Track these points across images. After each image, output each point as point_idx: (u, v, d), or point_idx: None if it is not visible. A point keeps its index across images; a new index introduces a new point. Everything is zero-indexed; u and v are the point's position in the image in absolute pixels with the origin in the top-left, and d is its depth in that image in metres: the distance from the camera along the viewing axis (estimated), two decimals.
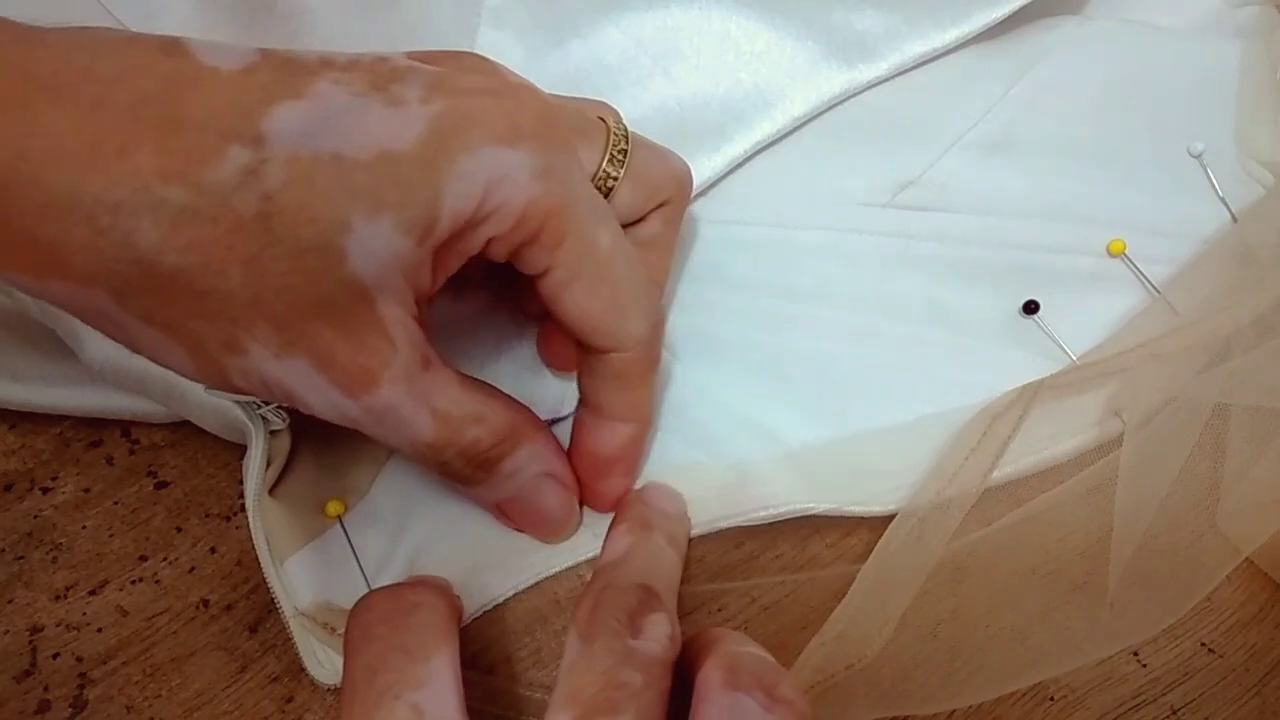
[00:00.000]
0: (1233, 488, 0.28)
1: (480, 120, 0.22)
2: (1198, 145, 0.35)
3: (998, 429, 0.28)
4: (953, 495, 0.28)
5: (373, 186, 0.21)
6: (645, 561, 0.26)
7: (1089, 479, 0.29)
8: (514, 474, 0.27)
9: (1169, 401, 0.29)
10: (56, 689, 0.28)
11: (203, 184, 0.20)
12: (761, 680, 0.21)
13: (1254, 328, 0.29)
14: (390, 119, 0.21)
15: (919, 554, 0.27)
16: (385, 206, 0.21)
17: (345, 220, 0.21)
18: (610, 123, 0.27)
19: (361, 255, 0.21)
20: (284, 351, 0.22)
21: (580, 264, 0.24)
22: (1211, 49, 0.38)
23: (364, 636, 0.23)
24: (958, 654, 0.27)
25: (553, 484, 0.28)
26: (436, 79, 0.22)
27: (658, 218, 0.28)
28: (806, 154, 0.36)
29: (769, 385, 0.32)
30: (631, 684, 0.21)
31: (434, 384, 0.24)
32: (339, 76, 0.21)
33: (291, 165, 0.20)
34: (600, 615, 0.22)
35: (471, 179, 0.22)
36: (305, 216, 0.20)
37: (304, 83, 0.21)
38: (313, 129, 0.21)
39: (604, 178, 0.26)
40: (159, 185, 0.19)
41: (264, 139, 0.20)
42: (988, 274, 0.33)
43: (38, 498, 0.30)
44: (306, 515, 0.30)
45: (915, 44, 0.36)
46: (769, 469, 0.30)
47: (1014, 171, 0.35)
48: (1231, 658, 0.28)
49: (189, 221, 0.20)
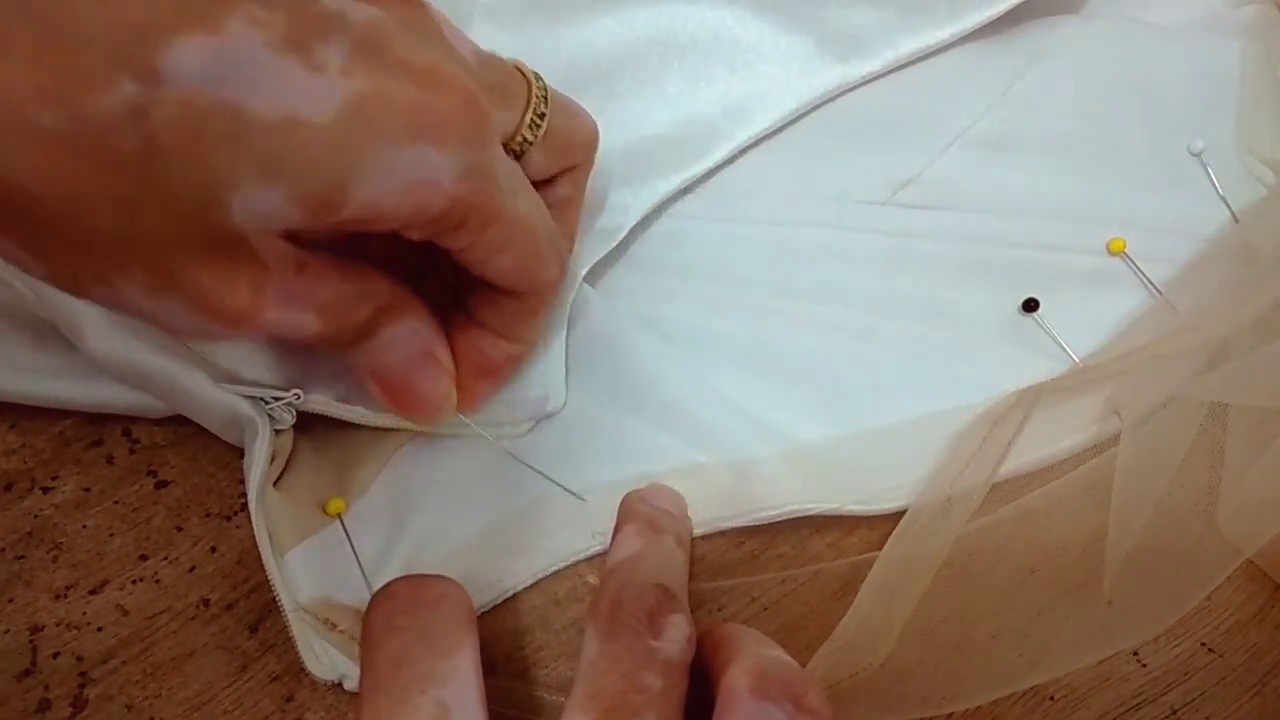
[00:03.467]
0: (1232, 488, 0.28)
1: (404, 112, 0.20)
2: (1198, 143, 0.35)
3: (998, 434, 0.28)
4: (955, 501, 0.28)
5: (271, 150, 0.19)
6: (659, 562, 0.25)
7: (1089, 478, 0.29)
8: (391, 345, 0.26)
9: (1168, 401, 0.29)
10: (57, 688, 0.28)
11: (83, 114, 0.18)
12: (790, 689, 0.21)
13: (1254, 328, 0.29)
14: (305, 83, 0.19)
15: (922, 560, 0.27)
16: (281, 175, 0.19)
17: (233, 178, 0.19)
18: (531, 81, 0.26)
19: (245, 213, 0.20)
20: (156, 292, 0.20)
21: (503, 239, 0.24)
22: (1211, 48, 0.38)
23: (387, 627, 0.23)
24: (958, 654, 0.27)
25: (431, 365, 0.27)
26: (364, 42, 0.20)
27: (568, 180, 0.28)
28: (806, 152, 0.36)
29: (769, 383, 0.32)
30: (652, 688, 0.21)
31: (312, 283, 0.23)
32: (258, 14, 0.19)
33: (184, 108, 0.18)
34: (621, 614, 0.22)
35: (388, 175, 0.21)
36: (190, 165, 0.19)
37: (218, 13, 0.18)
38: (216, 71, 0.18)
39: (520, 142, 0.26)
40: (33, 106, 0.17)
41: (159, 75, 0.18)
42: (988, 272, 0.33)
43: (38, 497, 0.30)
44: (307, 511, 0.30)
45: (909, 40, 0.36)
46: (770, 469, 0.30)
47: (1014, 170, 0.35)
48: (1231, 658, 0.28)
49: (62, 151, 0.18)
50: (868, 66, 0.36)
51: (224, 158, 0.19)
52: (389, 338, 0.25)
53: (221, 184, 0.19)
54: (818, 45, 0.36)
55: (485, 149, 0.22)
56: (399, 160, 0.21)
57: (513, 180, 0.24)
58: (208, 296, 0.21)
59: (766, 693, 0.21)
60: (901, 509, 0.29)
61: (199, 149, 0.19)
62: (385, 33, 0.21)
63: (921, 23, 0.36)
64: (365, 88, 0.20)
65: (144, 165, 0.18)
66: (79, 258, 0.20)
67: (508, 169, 0.24)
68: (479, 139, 0.22)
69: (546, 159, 0.27)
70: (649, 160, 0.34)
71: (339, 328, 0.24)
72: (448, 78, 0.22)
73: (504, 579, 0.29)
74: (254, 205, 0.20)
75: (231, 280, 0.21)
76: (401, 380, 0.27)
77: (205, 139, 0.19)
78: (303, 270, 0.22)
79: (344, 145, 0.20)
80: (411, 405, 0.27)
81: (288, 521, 0.29)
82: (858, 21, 0.36)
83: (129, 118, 0.18)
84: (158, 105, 0.18)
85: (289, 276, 0.22)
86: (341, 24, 0.20)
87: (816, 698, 0.21)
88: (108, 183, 0.18)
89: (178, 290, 0.20)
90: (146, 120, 0.18)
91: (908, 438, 0.30)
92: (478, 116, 0.22)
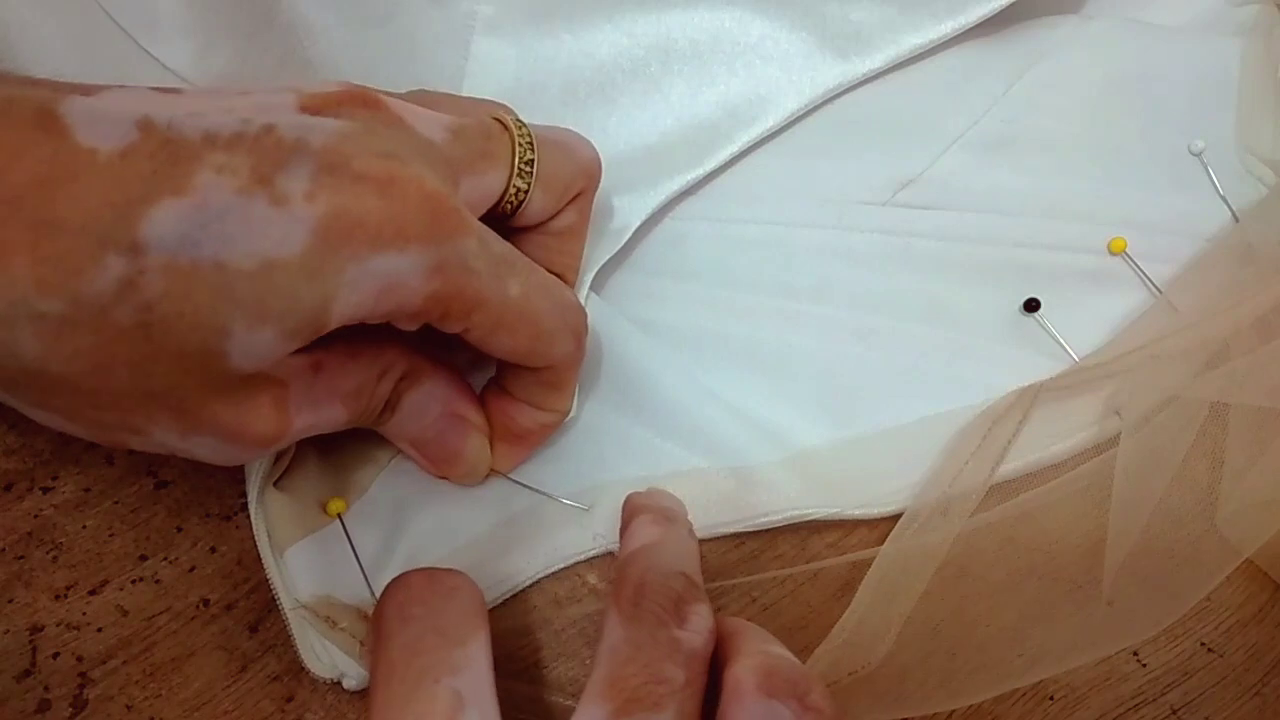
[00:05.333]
0: (1232, 488, 0.28)
1: (366, 224, 0.21)
2: (1198, 143, 0.35)
3: (997, 433, 0.28)
4: (953, 500, 0.28)
5: (255, 297, 0.20)
6: (678, 549, 0.25)
7: (1089, 478, 0.29)
8: (416, 412, 0.27)
9: (1168, 401, 0.29)
10: (57, 688, 0.28)
11: (80, 296, 0.19)
12: (796, 687, 0.21)
13: (1255, 328, 0.29)
14: (274, 223, 0.20)
15: (921, 559, 0.27)
16: (268, 317, 0.21)
17: (225, 327, 0.20)
18: (513, 129, 0.26)
19: (243, 355, 0.21)
20: (188, 432, 0.22)
21: (495, 320, 0.24)
22: (1212, 47, 0.38)
23: (400, 616, 0.23)
24: (958, 654, 0.27)
25: (459, 424, 0.28)
26: (324, 164, 0.21)
27: (572, 209, 0.28)
28: (807, 152, 0.36)
29: (770, 383, 0.32)
30: (674, 680, 0.21)
31: (332, 378, 0.24)
32: (222, 162, 0.20)
33: (170, 274, 0.20)
34: (646, 600, 0.22)
35: (360, 287, 0.21)
36: (185, 325, 0.20)
37: (185, 173, 0.20)
38: (193, 234, 0.20)
39: (515, 193, 0.26)
40: (36, 297, 0.19)
41: (142, 247, 0.19)
42: (989, 272, 0.33)
43: (38, 497, 0.30)
44: (307, 510, 0.30)
45: (911, 36, 0.36)
46: (770, 473, 0.30)
47: (1014, 170, 0.35)
48: (1231, 658, 0.28)
49: (70, 332, 0.19)
50: (869, 63, 0.36)
51: (213, 311, 0.20)
52: (411, 405, 0.27)
53: (217, 335, 0.20)
54: (819, 43, 0.36)
55: (452, 242, 0.23)
56: (368, 270, 0.21)
57: (499, 265, 0.24)
58: (236, 428, 0.22)
59: (773, 689, 0.21)
60: (902, 511, 0.29)
61: (189, 308, 0.20)
62: (344, 150, 0.21)
63: (923, 17, 0.36)
64: (327, 210, 0.21)
65: (144, 331, 0.20)
66: (109, 414, 0.21)
67: (493, 256, 0.24)
68: (444, 233, 0.22)
69: (548, 198, 0.27)
70: (653, 165, 0.34)
71: (366, 409, 0.26)
72: (405, 182, 0.22)
73: (504, 579, 0.29)
74: (249, 348, 0.21)
75: (255, 407, 0.22)
76: (435, 442, 0.28)
77: (193, 298, 0.20)
78: (320, 369, 0.24)
79: (317, 272, 0.21)
80: (447, 464, 0.29)
81: (288, 521, 0.29)
82: (858, 18, 0.36)
83: (121, 292, 0.19)
84: (144, 275, 0.20)
85: (308, 381, 0.23)
86: (301, 150, 0.21)
87: (821, 696, 0.21)
88: (117, 352, 0.20)
89: (206, 428, 0.22)
90: (137, 291, 0.20)
91: (909, 439, 0.30)
92: (440, 213, 0.22)
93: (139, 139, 0.20)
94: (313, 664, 0.27)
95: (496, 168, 0.26)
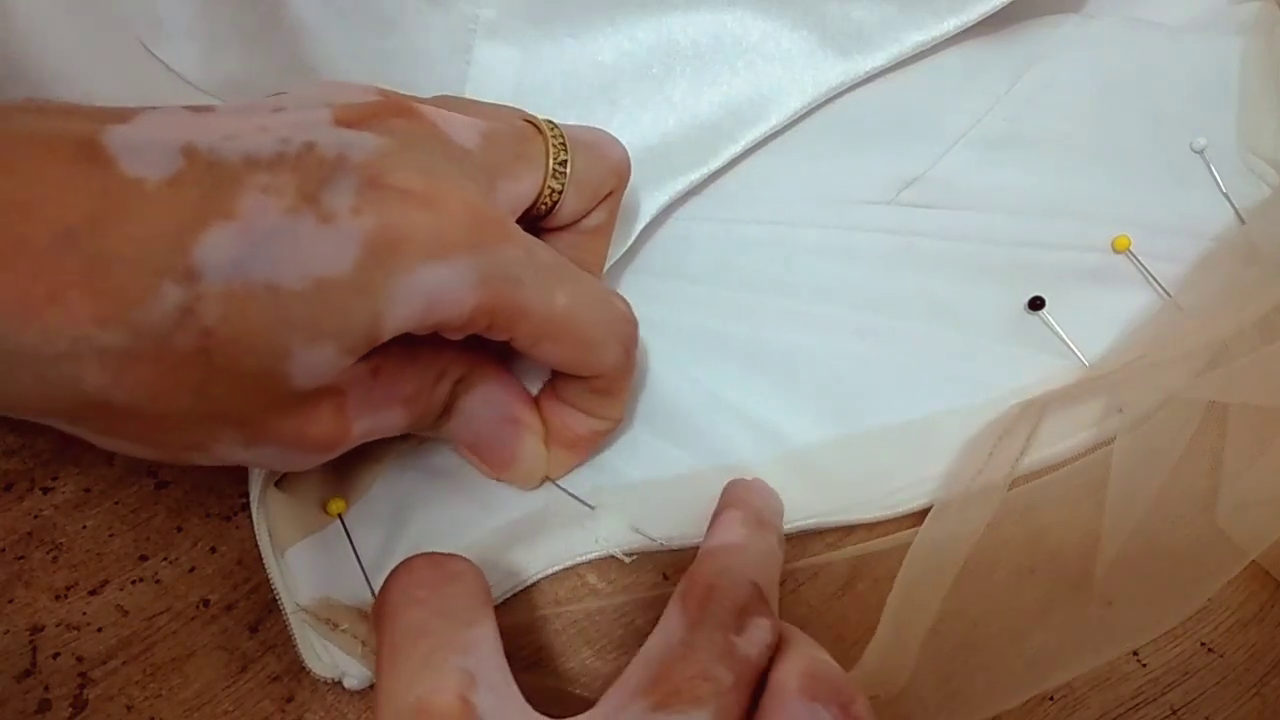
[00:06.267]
0: (1232, 488, 0.28)
1: (413, 238, 0.21)
2: (1200, 141, 0.35)
3: (1006, 447, 0.28)
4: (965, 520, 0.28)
5: (310, 316, 0.21)
6: (759, 558, 0.25)
7: (1089, 478, 0.29)
8: (473, 416, 0.27)
9: (1167, 401, 0.29)
10: (57, 689, 0.28)
11: (140, 327, 0.19)
12: (840, 694, 0.21)
13: (1258, 328, 0.29)
14: (323, 242, 0.21)
15: (936, 580, 0.27)
16: (324, 335, 0.21)
17: (285, 348, 0.21)
18: (546, 131, 0.26)
19: (303, 374, 0.21)
20: (251, 444, 0.22)
21: (541, 330, 0.24)
22: (1213, 46, 0.38)
23: (404, 600, 0.22)
24: (957, 655, 0.27)
25: (514, 426, 0.28)
26: (366, 177, 0.21)
27: (602, 208, 0.28)
28: (809, 152, 0.36)
29: (772, 384, 0.32)
30: (722, 681, 0.20)
31: (391, 382, 0.24)
32: (267, 182, 0.20)
33: (226, 300, 0.20)
34: (712, 604, 0.22)
35: (410, 300, 0.22)
36: (244, 348, 0.20)
37: (231, 195, 0.20)
38: (244, 258, 0.20)
39: (549, 194, 0.26)
40: (97, 332, 0.19)
41: (196, 273, 0.20)
42: (992, 271, 0.33)
43: (38, 498, 0.30)
44: (308, 510, 0.30)
45: (912, 34, 0.36)
46: (775, 479, 0.30)
47: (1017, 168, 0.35)
48: (1231, 657, 0.28)
49: (132, 363, 0.20)
50: (871, 61, 0.36)
51: (271, 333, 0.20)
52: (469, 408, 0.27)
53: (276, 356, 0.21)
54: (820, 42, 0.36)
55: (496, 250, 0.23)
56: (415, 283, 0.22)
57: (546, 275, 0.24)
58: (297, 437, 0.23)
59: (816, 694, 0.21)
60: (905, 513, 0.29)
61: (247, 331, 0.20)
62: (384, 164, 0.22)
63: (925, 15, 0.36)
64: (375, 224, 0.21)
65: (205, 357, 0.20)
66: (175, 436, 0.22)
67: (539, 265, 0.24)
68: (487, 242, 0.23)
69: (580, 199, 0.27)
70: (657, 165, 0.34)
71: (424, 412, 0.26)
72: (446, 194, 0.22)
73: (505, 579, 0.29)
74: (309, 367, 0.21)
75: (315, 415, 0.23)
76: (492, 446, 0.28)
77: (250, 320, 0.20)
78: (378, 374, 0.24)
79: (368, 287, 0.21)
80: (503, 468, 0.29)
81: (289, 521, 0.29)
82: (860, 16, 0.36)
83: (180, 319, 0.20)
84: (201, 302, 0.20)
85: (366, 386, 0.24)
86: (343, 165, 0.21)
87: (864, 707, 0.21)
88: (180, 377, 0.20)
89: (269, 440, 0.22)
90: (195, 318, 0.20)
91: (912, 438, 0.30)
92: (482, 222, 0.23)
93: (185, 166, 0.20)
94: (313, 663, 0.27)
95: (531, 170, 0.26)
